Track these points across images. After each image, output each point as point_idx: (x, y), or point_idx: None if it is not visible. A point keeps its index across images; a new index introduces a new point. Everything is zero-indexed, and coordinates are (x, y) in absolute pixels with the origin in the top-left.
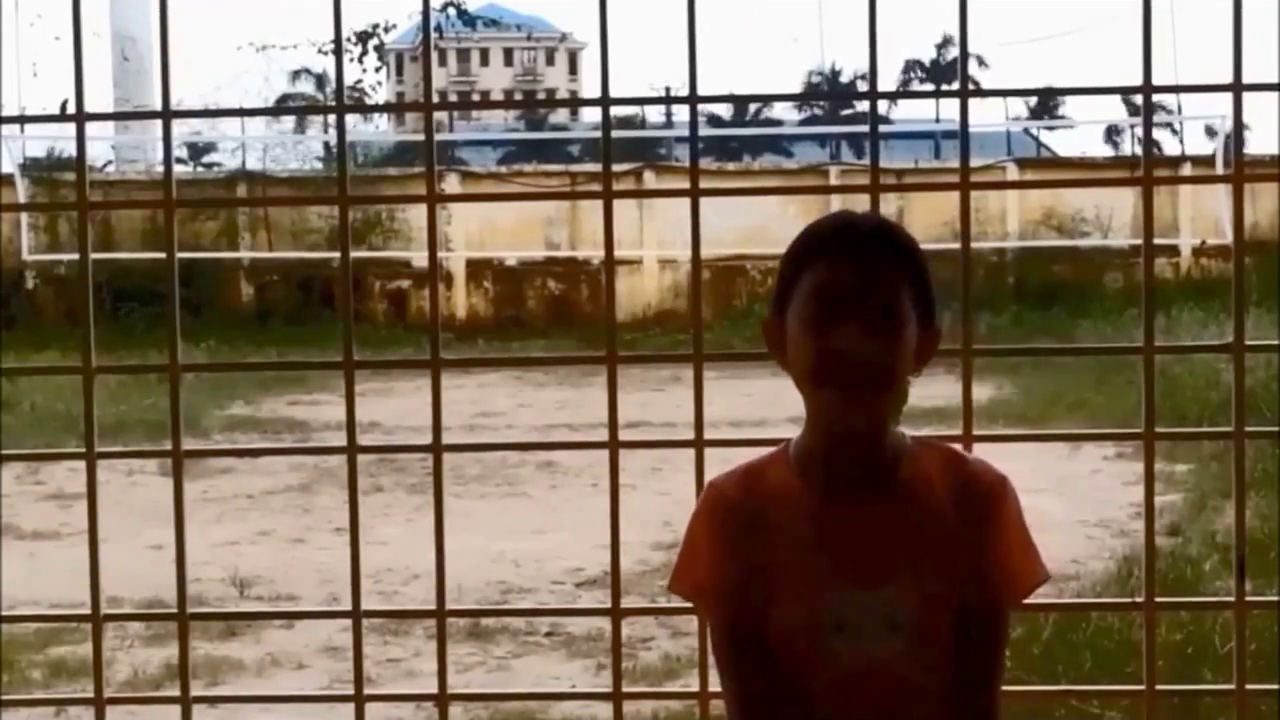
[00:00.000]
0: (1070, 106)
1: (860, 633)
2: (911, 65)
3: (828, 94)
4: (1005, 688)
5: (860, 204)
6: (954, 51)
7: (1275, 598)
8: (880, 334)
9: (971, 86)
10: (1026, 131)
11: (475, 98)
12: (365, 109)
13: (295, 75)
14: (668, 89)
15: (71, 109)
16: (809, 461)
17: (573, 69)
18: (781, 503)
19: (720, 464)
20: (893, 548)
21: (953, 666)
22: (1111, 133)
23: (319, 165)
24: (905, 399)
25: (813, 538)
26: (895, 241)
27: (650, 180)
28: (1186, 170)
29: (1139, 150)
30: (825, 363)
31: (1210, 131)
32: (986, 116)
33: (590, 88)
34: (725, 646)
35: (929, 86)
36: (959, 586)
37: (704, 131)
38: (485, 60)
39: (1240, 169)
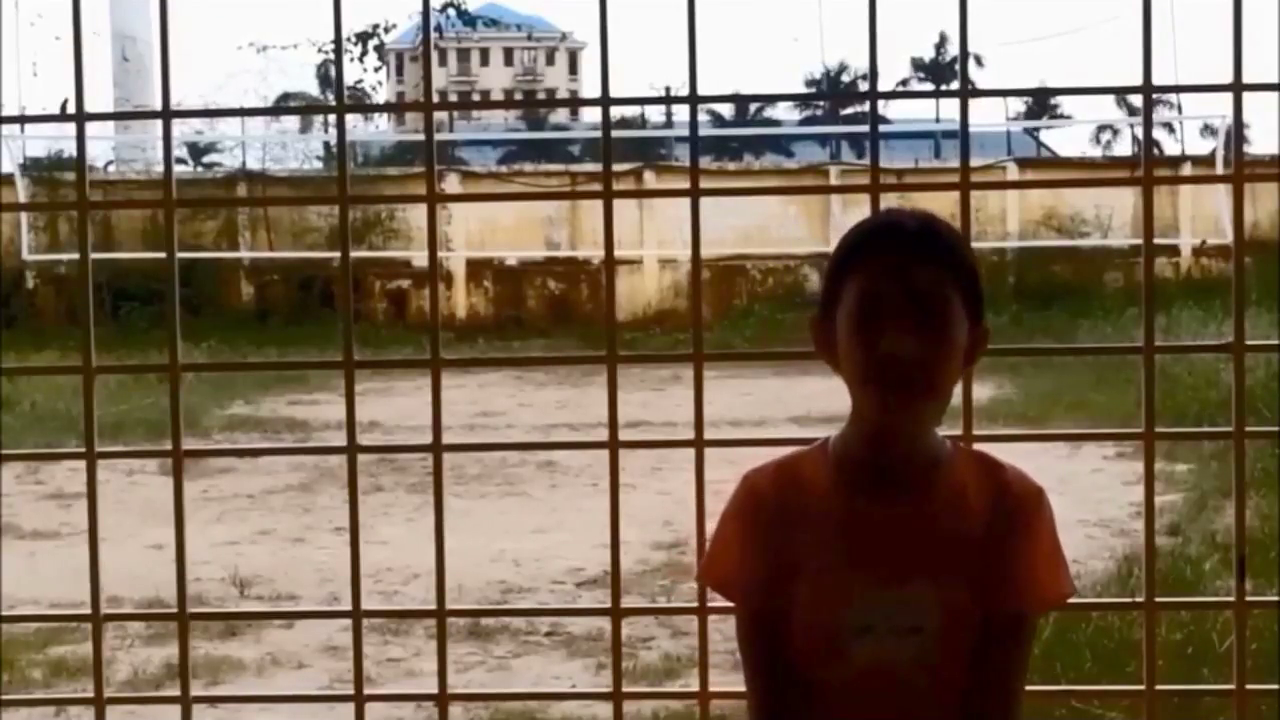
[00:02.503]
0: (1070, 107)
1: (883, 634)
2: (915, 65)
3: (828, 94)
4: None
5: (860, 205)
6: (953, 51)
7: (1275, 598)
8: (929, 336)
9: (971, 86)
10: (1026, 131)
11: (475, 98)
12: (365, 109)
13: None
14: (668, 89)
15: (71, 109)
16: (847, 460)
17: (573, 69)
18: (814, 499)
19: (720, 464)
20: (921, 550)
21: (974, 673)
22: (1101, 132)
23: (319, 165)
24: (949, 400)
25: (843, 536)
26: (943, 241)
27: (650, 180)
28: (1186, 170)
29: (1137, 150)
30: (874, 365)
31: (1210, 131)
32: (986, 116)
33: (590, 88)
34: (749, 640)
35: (929, 86)
36: (984, 593)
37: (704, 131)
38: (485, 60)
39: (1240, 169)
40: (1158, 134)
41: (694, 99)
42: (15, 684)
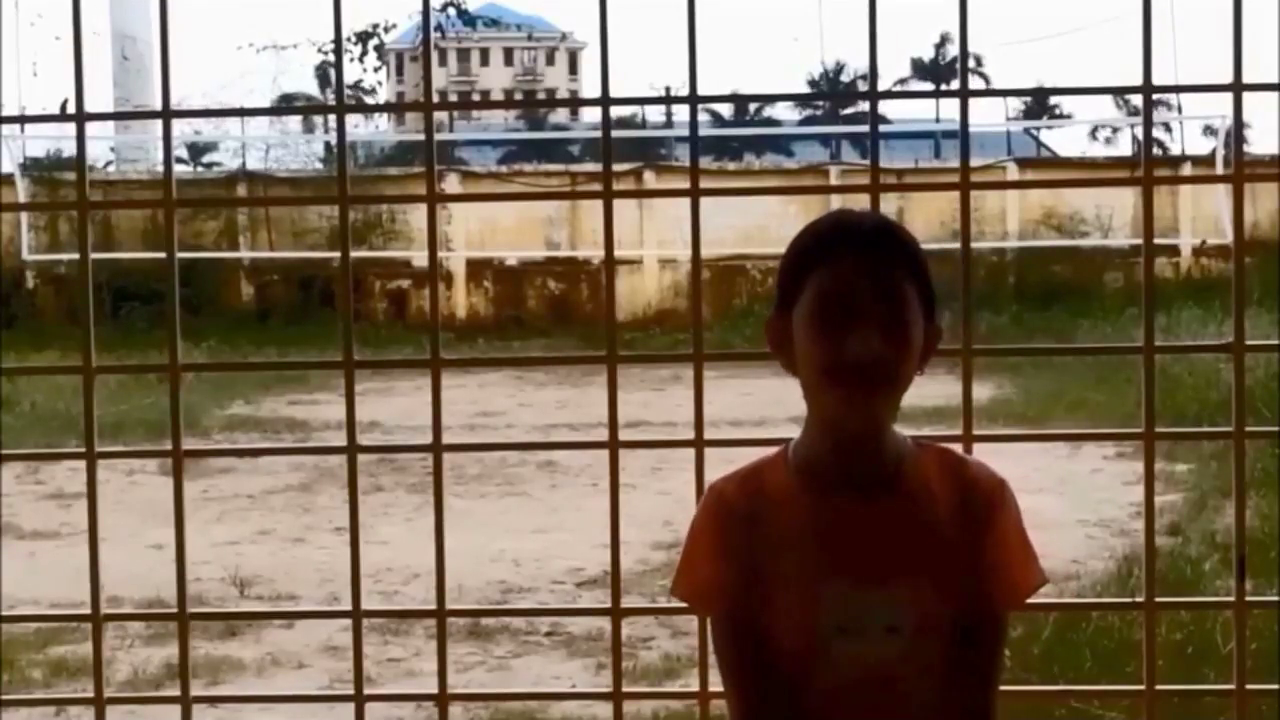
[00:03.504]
0: (1070, 106)
1: (859, 635)
2: (915, 65)
3: (828, 94)
4: (1005, 688)
5: (861, 204)
6: (953, 50)
7: (1275, 598)
8: (887, 335)
9: (972, 86)
10: (1026, 131)
11: (475, 98)
12: (365, 109)
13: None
14: (668, 89)
15: (71, 109)
16: (810, 462)
17: (573, 69)
18: (781, 504)
19: (720, 464)
20: (892, 550)
21: (950, 669)
22: (1096, 131)
23: (320, 165)
24: (902, 398)
25: (812, 539)
26: (898, 240)
27: (650, 180)
28: (1186, 170)
29: (1137, 150)
30: (833, 365)
31: (1210, 131)
32: (986, 116)
33: (590, 88)
34: (726, 649)
35: (929, 86)
36: (957, 589)
37: (704, 131)
38: (485, 60)
39: (1240, 169)
40: (1158, 134)
41: (694, 99)
42: (15, 684)
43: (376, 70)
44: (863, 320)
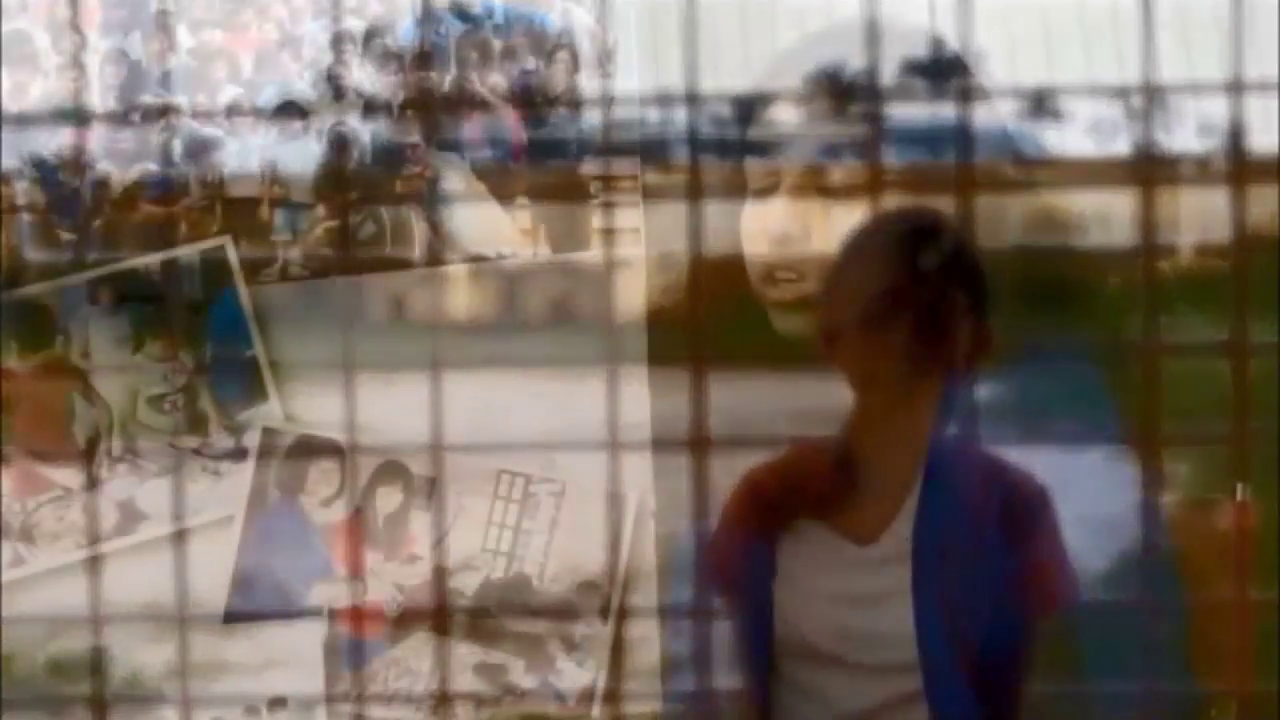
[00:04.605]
0: (1070, 107)
1: (884, 636)
2: (913, 65)
3: (827, 94)
4: None
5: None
6: (952, 50)
7: (1275, 597)
8: (928, 336)
9: (971, 86)
10: (1026, 132)
11: None
12: (365, 109)
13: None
14: (668, 89)
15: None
16: (847, 459)
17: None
18: (814, 498)
19: (719, 465)
20: (923, 552)
21: (979, 677)
22: (1097, 131)
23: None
24: (955, 401)
25: (842, 537)
26: (949, 238)
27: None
28: (1186, 170)
29: (1137, 150)
30: (871, 364)
31: (1210, 131)
32: (986, 117)
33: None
34: (744, 639)
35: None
36: (988, 596)
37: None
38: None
39: (1240, 169)
40: (1157, 134)
41: (694, 99)
42: (15, 684)
43: (377, 71)
44: (898, 320)
